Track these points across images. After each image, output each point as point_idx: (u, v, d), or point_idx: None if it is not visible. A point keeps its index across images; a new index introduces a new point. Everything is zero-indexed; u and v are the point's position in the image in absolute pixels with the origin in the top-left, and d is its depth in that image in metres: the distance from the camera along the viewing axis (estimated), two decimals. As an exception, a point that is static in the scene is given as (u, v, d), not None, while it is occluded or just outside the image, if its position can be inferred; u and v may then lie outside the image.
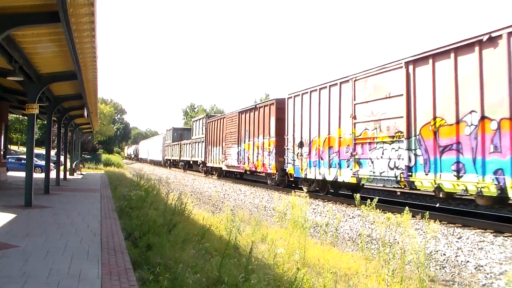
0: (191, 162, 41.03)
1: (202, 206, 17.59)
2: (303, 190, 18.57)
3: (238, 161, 25.90)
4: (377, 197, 10.36)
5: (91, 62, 10.72)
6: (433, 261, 8.71)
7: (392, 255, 8.43)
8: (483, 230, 10.14)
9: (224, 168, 29.13)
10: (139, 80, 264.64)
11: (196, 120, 40.04)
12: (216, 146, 30.81)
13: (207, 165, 33.88)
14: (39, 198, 13.06)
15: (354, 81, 14.65)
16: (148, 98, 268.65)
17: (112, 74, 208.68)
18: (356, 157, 14.29)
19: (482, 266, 8.10)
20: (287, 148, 19.32)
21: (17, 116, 41.62)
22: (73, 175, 26.69)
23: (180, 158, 45.88)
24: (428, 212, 9.46)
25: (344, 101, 15.20)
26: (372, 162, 13.57)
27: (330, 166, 15.96)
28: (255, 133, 23.35)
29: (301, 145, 17.98)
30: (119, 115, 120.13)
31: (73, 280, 4.99)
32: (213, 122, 32.25)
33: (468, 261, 8.47)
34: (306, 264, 7.67)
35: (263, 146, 22.04)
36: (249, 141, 24.16)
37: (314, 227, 11.93)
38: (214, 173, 33.20)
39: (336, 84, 15.65)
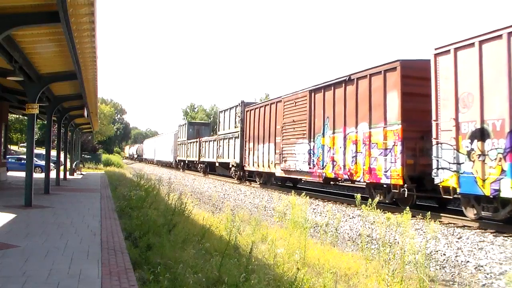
0: (217, 164, 31.53)
1: (202, 206, 17.59)
2: (466, 217, 11.20)
3: (309, 164, 17.43)
4: (377, 197, 10.36)
5: (91, 62, 10.72)
6: (433, 261, 8.71)
7: (392, 255, 8.43)
8: (483, 230, 10.14)
9: (279, 173, 20.42)
10: (139, 80, 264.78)
11: (226, 110, 29.78)
12: (263, 143, 22.26)
13: (245, 168, 25.14)
14: (39, 198, 13.05)
15: None
16: (148, 98, 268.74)
17: (112, 74, 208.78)
18: None
19: (482, 266, 8.10)
20: (439, 144, 11.42)
21: (17, 116, 41.61)
22: (73, 175, 26.68)
23: (199, 159, 36.53)
24: (429, 212, 9.43)
25: None
26: None
27: None
28: (348, 119, 14.99)
29: (480, 135, 10.23)
30: (119, 115, 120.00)
31: (73, 280, 4.99)
32: (257, 110, 23.40)
33: (468, 261, 8.47)
34: (306, 264, 7.68)
35: (370, 140, 13.82)
36: (333, 133, 15.77)
37: (314, 227, 11.94)
38: (257, 179, 24.28)
39: None
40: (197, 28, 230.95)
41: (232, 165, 27.51)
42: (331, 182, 17.90)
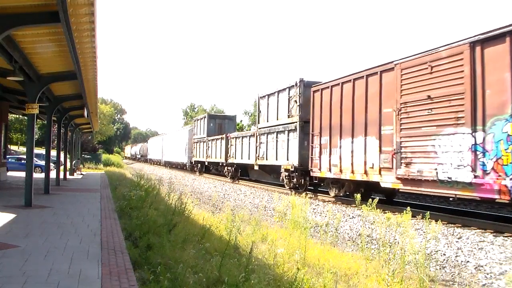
0: (256, 168, 23.67)
1: (202, 206, 17.60)
2: None
3: (474, 170, 10.27)
4: (377, 197, 10.36)
5: (91, 62, 10.73)
6: (433, 261, 8.71)
7: (392, 255, 8.44)
8: (483, 230, 10.14)
9: (390, 183, 12.91)
10: (139, 80, 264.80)
11: (271, 94, 21.95)
12: (351, 137, 14.75)
13: (313, 174, 17.20)
14: (39, 198, 13.06)
15: None
16: (148, 98, 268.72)
17: (112, 74, 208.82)
18: None
19: (482, 266, 8.11)
20: None
21: (17, 116, 41.69)
22: (73, 175, 26.70)
23: (226, 160, 29.07)
24: (429, 212, 9.43)
25: None
26: None
27: None
28: None
29: None
30: (119, 115, 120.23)
31: (73, 280, 4.99)
32: (335, 89, 15.84)
33: (468, 261, 8.47)
34: (306, 264, 7.68)
35: None
36: None
37: (314, 227, 11.94)
38: (331, 191, 16.57)
39: None
40: (197, 28, 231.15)
41: (286, 169, 19.58)
42: None
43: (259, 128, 23.14)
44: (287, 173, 19.63)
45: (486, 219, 11.47)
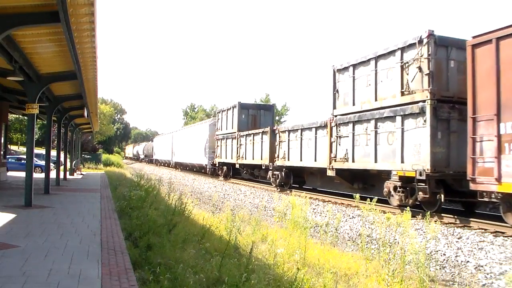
0: (330, 173, 16.25)
1: (202, 206, 17.61)
2: None
3: None
4: (377, 197, 10.36)
5: (91, 62, 10.73)
6: (433, 261, 8.72)
7: (392, 255, 8.44)
8: (483, 230, 10.14)
9: None
10: (139, 80, 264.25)
11: (359, 64, 15.03)
12: None
13: (475, 187, 10.10)
14: (39, 198, 13.05)
15: None
16: (148, 98, 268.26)
17: (112, 74, 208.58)
18: None
19: (482, 266, 8.11)
20: None
21: (17, 116, 41.69)
22: (73, 175, 26.69)
23: (273, 162, 21.59)
24: (429, 212, 9.44)
25: None
26: None
27: None
28: None
29: None
30: (119, 115, 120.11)
31: (73, 280, 4.99)
32: None
33: (468, 261, 8.48)
34: (306, 264, 7.68)
35: None
36: None
37: (314, 227, 11.95)
38: None
39: None
40: (197, 28, 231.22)
41: (402, 177, 12.62)
42: None
43: (336, 116, 16.15)
44: (400, 183, 12.74)
45: (486, 219, 11.48)
